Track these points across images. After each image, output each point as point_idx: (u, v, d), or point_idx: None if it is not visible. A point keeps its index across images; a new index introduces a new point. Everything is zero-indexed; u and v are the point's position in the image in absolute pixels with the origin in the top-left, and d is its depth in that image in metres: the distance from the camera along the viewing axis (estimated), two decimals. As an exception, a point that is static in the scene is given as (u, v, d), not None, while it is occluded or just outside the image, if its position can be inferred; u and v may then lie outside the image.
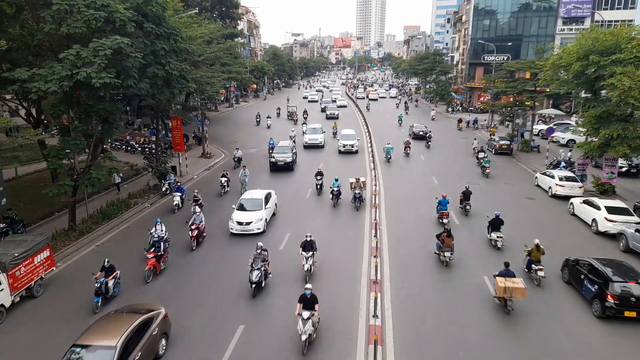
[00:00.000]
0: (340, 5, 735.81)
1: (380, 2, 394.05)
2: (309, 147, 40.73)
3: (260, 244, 16.51)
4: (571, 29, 60.48)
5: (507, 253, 18.76)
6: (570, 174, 27.77)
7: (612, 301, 13.95)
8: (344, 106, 70.47)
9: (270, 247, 18.20)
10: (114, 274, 15.46)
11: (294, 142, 40.19)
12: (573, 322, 14.26)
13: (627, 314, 13.94)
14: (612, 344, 13.17)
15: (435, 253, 18.65)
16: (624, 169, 30.52)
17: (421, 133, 43.61)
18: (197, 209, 21.22)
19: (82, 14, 16.94)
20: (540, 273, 16.34)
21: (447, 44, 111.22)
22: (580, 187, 26.57)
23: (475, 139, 41.19)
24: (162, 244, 17.65)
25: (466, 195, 23.61)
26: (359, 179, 24.92)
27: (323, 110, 63.92)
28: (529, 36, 65.18)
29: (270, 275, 16.44)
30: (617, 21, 49.59)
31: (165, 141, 38.23)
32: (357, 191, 24.25)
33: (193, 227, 19.70)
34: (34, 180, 28.86)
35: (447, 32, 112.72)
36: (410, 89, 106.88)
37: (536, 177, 29.90)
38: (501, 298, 14.67)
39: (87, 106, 19.56)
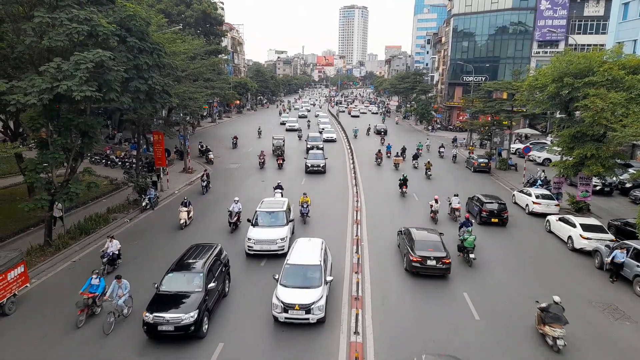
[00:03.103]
0: (323, 24, 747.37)
1: (362, 22, 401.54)
2: (256, 255, 20.11)
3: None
4: (546, 52, 62.61)
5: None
6: (547, 192, 28.45)
7: (485, 214, 24.97)
8: (333, 140, 54.62)
9: None
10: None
11: (237, 223, 23.33)
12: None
13: (493, 220, 24.92)
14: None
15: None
16: (598, 188, 31.38)
17: (382, 130, 62.85)
18: None
19: (65, 27, 16.84)
20: (429, 172, 36.34)
21: (427, 64, 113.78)
22: (556, 205, 27.21)
23: (427, 139, 54.02)
24: None
25: (403, 150, 43.87)
26: None
27: (309, 150, 43.36)
28: (506, 58, 67.19)
29: None
30: (590, 45, 51.46)
31: (146, 155, 37.84)
32: None
33: None
34: (10, 194, 28.16)
35: (427, 52, 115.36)
36: (387, 104, 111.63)
37: (514, 195, 30.53)
38: (394, 164, 39.19)
39: (66, 120, 19.24)
